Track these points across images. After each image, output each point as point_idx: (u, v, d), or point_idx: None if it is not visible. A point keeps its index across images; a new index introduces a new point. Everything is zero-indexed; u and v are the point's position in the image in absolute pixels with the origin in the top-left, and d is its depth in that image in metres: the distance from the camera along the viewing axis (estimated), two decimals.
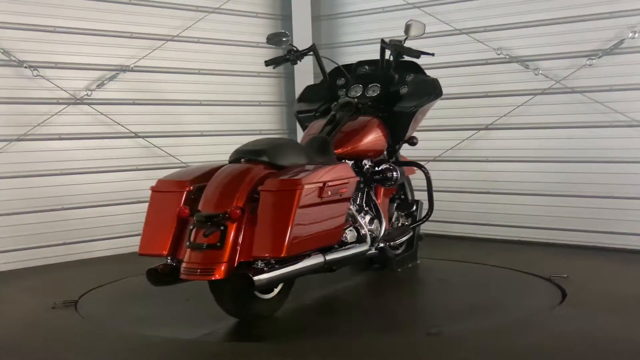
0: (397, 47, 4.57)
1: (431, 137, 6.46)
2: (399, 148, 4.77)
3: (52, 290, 4.61)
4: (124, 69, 5.96)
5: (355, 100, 4.57)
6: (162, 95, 6.24)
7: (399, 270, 4.88)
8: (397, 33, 4.75)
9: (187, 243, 3.45)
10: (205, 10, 6.43)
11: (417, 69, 4.75)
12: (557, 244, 5.74)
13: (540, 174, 5.91)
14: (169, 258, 3.57)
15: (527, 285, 4.56)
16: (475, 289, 4.53)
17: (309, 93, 4.96)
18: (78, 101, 5.74)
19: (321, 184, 3.60)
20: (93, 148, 5.83)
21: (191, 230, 3.46)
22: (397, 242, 4.59)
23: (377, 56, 4.76)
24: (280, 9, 7.10)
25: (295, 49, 4.71)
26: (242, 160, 3.74)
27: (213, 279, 3.40)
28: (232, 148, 3.87)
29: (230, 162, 3.81)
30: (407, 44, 4.62)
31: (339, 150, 4.27)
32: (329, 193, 3.65)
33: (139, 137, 6.05)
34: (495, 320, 3.80)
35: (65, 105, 5.66)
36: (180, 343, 3.59)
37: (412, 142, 4.74)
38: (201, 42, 6.44)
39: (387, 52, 4.70)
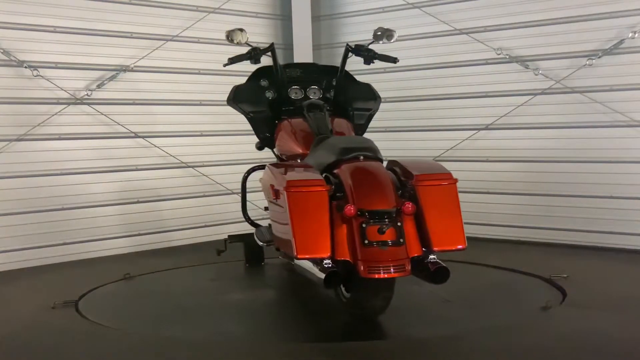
0: (370, 51, 4.52)
1: (431, 137, 6.47)
2: None
3: (52, 290, 4.60)
4: (124, 69, 5.96)
5: (322, 102, 4.53)
6: (162, 95, 6.23)
7: (263, 263, 5.19)
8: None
9: (365, 241, 3.40)
10: (205, 10, 6.43)
11: (346, 74, 4.71)
12: (557, 244, 5.75)
13: (540, 174, 5.90)
14: (329, 259, 3.49)
15: (527, 285, 4.56)
16: (475, 289, 4.53)
17: (244, 93, 4.81)
18: (78, 101, 5.74)
19: None
20: (93, 148, 5.83)
21: (364, 228, 3.42)
22: None
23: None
24: (280, 9, 7.10)
25: (253, 47, 4.59)
26: (361, 157, 3.70)
27: (404, 275, 3.42)
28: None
29: (346, 159, 3.69)
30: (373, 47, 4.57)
31: None
32: None
33: (139, 137, 6.05)
34: (495, 320, 3.80)
35: (65, 105, 5.66)
36: (180, 342, 3.59)
37: None
38: (201, 42, 6.44)
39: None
